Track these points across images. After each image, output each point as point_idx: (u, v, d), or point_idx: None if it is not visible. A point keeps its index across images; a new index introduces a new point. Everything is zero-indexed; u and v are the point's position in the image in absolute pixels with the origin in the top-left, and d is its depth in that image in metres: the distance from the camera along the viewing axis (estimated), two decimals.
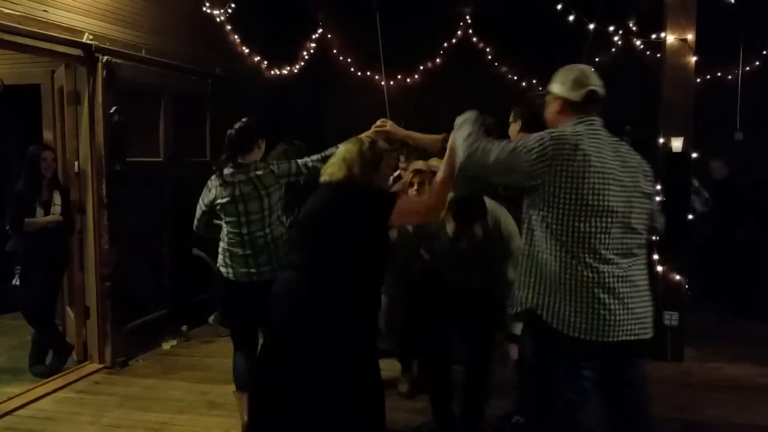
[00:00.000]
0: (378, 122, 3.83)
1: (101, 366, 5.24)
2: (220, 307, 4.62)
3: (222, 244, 3.81)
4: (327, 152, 3.66)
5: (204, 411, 4.40)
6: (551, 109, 2.67)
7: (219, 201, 3.71)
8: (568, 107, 2.58)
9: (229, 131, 3.77)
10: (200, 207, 3.88)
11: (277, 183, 3.70)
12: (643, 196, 2.52)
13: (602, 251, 2.39)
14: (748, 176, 6.93)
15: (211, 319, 6.36)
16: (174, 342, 5.86)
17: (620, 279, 2.41)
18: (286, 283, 3.07)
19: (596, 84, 2.58)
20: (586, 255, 2.39)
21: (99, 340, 5.26)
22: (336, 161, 3.13)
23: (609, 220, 2.40)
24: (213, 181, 3.79)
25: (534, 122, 3.22)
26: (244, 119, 3.84)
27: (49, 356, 5.21)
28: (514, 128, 3.81)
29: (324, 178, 3.13)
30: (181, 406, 4.48)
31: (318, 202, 3.11)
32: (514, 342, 3.54)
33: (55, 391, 4.75)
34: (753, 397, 4.55)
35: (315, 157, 3.76)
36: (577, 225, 2.39)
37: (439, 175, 2.99)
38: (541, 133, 2.51)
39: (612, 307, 2.37)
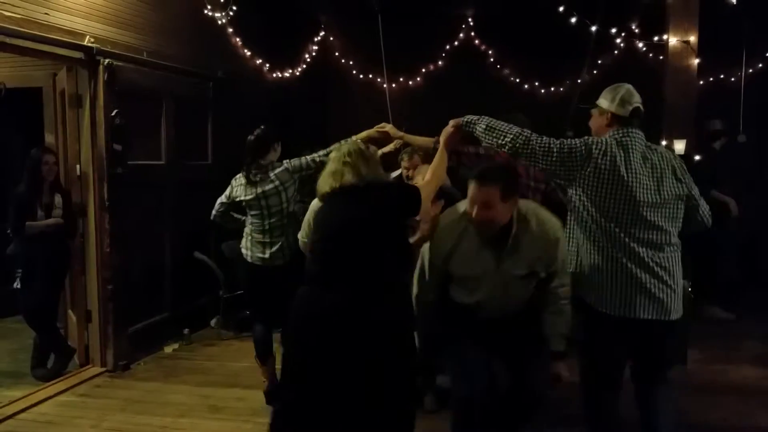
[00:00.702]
0: (378, 126, 4.13)
1: (103, 369, 5.23)
2: (241, 285, 4.86)
3: (246, 230, 4.41)
4: (331, 148, 3.82)
5: (206, 414, 4.38)
6: (599, 122, 3.05)
7: (244, 198, 4.28)
8: (615, 120, 2.97)
9: (249, 137, 4.33)
10: (222, 199, 4.48)
11: (291, 178, 4.27)
12: (674, 197, 2.90)
13: (631, 244, 2.83)
14: None
15: (213, 322, 6.35)
16: (176, 345, 5.84)
17: (646, 268, 2.84)
18: (314, 303, 2.87)
19: (639, 101, 2.98)
20: (616, 249, 2.85)
21: (101, 344, 5.25)
22: (336, 168, 2.98)
23: (635, 217, 2.82)
24: (238, 180, 4.37)
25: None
26: (261, 127, 4.38)
27: (50, 360, 5.21)
28: None
29: (328, 188, 2.98)
30: (182, 409, 4.46)
31: (336, 211, 2.97)
32: (561, 359, 3.16)
33: (56, 394, 4.73)
34: (758, 400, 4.51)
35: (321, 152, 4.20)
36: (607, 223, 2.85)
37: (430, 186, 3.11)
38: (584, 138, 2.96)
39: (639, 291, 2.85)
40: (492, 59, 7.59)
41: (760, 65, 7.16)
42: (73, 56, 4.87)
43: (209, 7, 6.39)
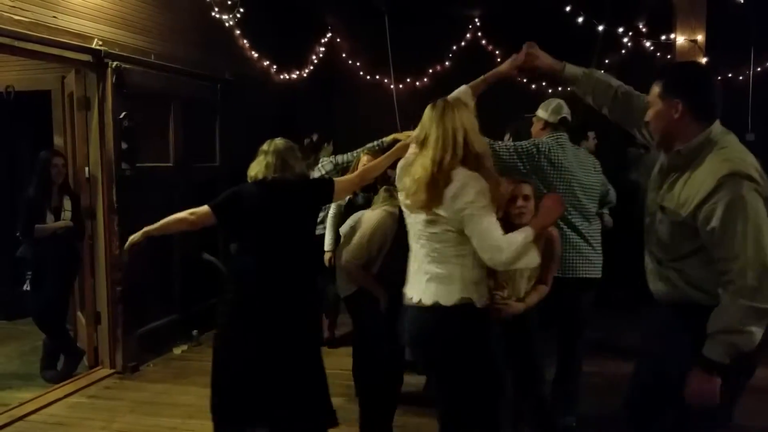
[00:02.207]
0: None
1: (112, 371, 5.24)
2: None
3: None
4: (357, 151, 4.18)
5: None
6: (537, 127, 3.90)
7: None
8: (547, 126, 3.82)
9: (308, 139, 4.71)
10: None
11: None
12: (595, 183, 3.81)
13: (569, 218, 3.59)
14: None
15: None
16: (185, 347, 5.86)
17: (581, 235, 3.65)
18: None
19: (567, 113, 3.83)
20: (561, 221, 3.53)
21: (110, 345, 5.27)
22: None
23: (572, 197, 3.59)
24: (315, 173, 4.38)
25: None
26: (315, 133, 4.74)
27: (60, 361, 5.23)
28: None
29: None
30: (191, 411, 4.46)
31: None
32: None
33: (66, 396, 4.75)
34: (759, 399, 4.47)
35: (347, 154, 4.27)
36: None
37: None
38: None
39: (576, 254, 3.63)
40: (499, 60, 7.55)
41: None
42: (81, 59, 4.89)
43: (216, 9, 6.41)
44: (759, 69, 7.11)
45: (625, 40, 6.97)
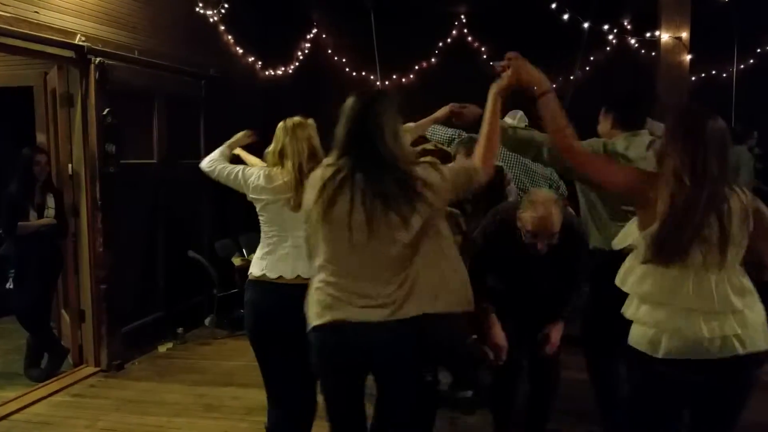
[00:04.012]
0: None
1: (97, 369, 5.21)
2: None
3: None
4: None
5: (200, 414, 4.38)
6: None
7: None
8: None
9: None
10: None
11: None
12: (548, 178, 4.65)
13: None
14: None
15: (207, 321, 6.34)
16: (170, 345, 5.83)
17: None
18: None
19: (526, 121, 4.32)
20: None
21: (94, 344, 5.24)
22: None
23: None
24: None
25: None
26: None
27: (44, 360, 5.19)
28: None
29: None
30: (177, 409, 4.45)
31: None
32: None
33: (50, 395, 4.72)
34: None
35: None
36: None
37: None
38: None
39: None
40: (485, 56, 7.58)
41: (752, 61, 7.18)
42: (64, 55, 4.85)
43: (201, 5, 6.37)
44: (743, 66, 7.16)
45: (611, 37, 7.00)
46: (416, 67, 7.74)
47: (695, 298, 2.23)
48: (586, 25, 6.38)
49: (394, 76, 7.70)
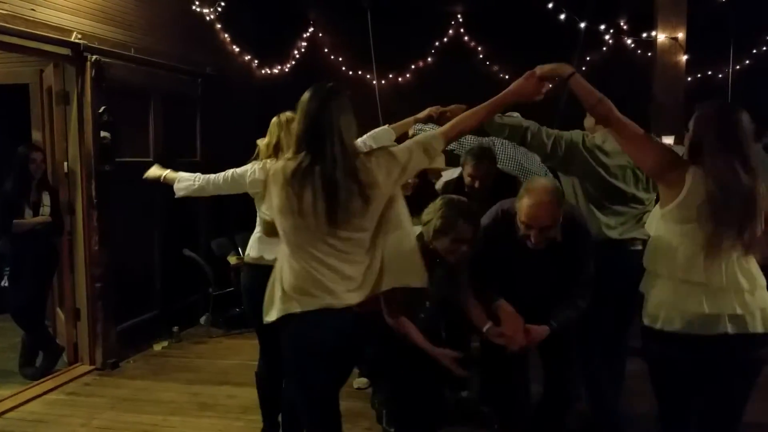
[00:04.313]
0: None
1: (92, 368, 5.21)
2: None
3: None
4: None
5: (195, 412, 4.37)
6: None
7: None
8: None
9: None
10: None
11: None
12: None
13: None
14: None
15: (202, 320, 6.34)
16: (165, 343, 5.82)
17: None
18: None
19: None
20: None
21: (89, 342, 5.23)
22: None
23: None
24: None
25: None
26: None
27: (39, 358, 5.18)
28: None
29: None
30: (172, 407, 4.45)
31: None
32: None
33: (45, 393, 4.71)
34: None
35: None
36: None
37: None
38: None
39: None
40: (481, 56, 7.58)
41: (747, 62, 7.19)
42: (60, 52, 4.84)
43: (197, 3, 6.36)
44: (738, 67, 7.17)
45: (607, 37, 7.01)
46: (413, 67, 7.74)
47: (705, 273, 2.40)
48: (582, 25, 6.39)
49: (391, 75, 7.70)
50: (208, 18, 6.54)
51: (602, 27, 6.82)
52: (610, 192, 3.37)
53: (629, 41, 7.06)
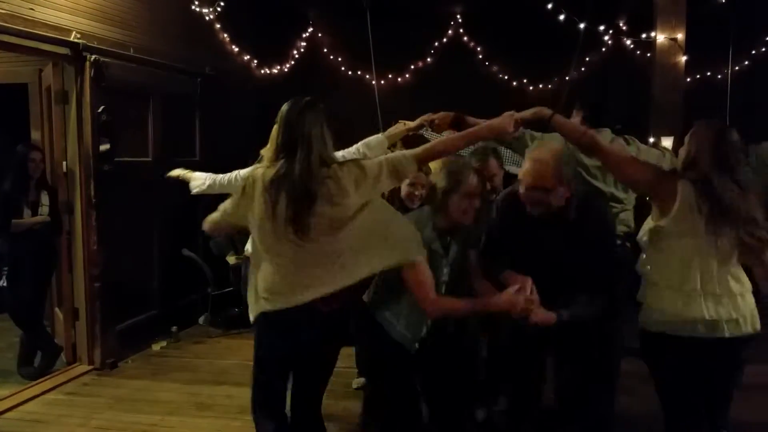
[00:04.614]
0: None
1: (90, 367, 5.20)
2: None
3: None
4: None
5: (194, 412, 4.37)
6: None
7: None
8: None
9: None
10: None
11: None
12: None
13: None
14: None
15: (201, 319, 6.33)
16: (164, 343, 5.82)
17: None
18: None
19: None
20: None
21: (88, 342, 5.22)
22: None
23: None
24: None
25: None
26: None
27: (37, 358, 5.17)
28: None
29: None
30: (171, 407, 4.45)
31: None
32: None
33: (43, 393, 4.71)
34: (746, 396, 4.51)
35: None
36: None
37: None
38: None
39: None
40: (481, 56, 7.58)
41: (747, 62, 7.20)
42: (59, 52, 4.83)
43: (197, 3, 6.36)
44: (737, 68, 7.17)
45: (606, 38, 7.01)
46: (412, 67, 7.74)
47: (701, 281, 2.59)
48: (581, 25, 6.38)
49: (390, 76, 7.70)
50: (207, 18, 6.54)
51: (601, 28, 6.82)
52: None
53: (628, 42, 7.06)
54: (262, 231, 2.59)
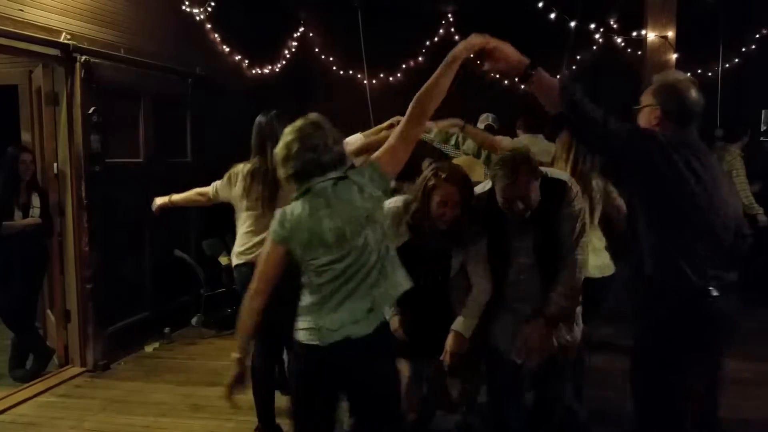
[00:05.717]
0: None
1: (83, 369, 5.19)
2: None
3: None
4: None
5: (187, 414, 4.37)
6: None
7: None
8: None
9: None
10: None
11: None
12: None
13: None
14: None
15: (194, 320, 6.31)
16: (156, 344, 5.81)
17: None
18: None
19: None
20: None
21: (80, 344, 5.21)
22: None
23: None
24: None
25: None
26: None
27: (29, 360, 5.16)
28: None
29: None
30: (164, 409, 4.44)
31: None
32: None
33: (36, 395, 4.69)
34: (738, 391, 4.54)
35: None
36: None
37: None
38: None
39: None
40: (472, 55, 7.59)
41: (737, 60, 7.23)
42: (49, 53, 4.81)
43: (187, 3, 6.34)
44: (728, 65, 7.21)
45: (597, 36, 7.04)
46: (403, 66, 7.75)
47: None
48: (572, 24, 6.41)
49: (382, 75, 7.71)
50: (198, 18, 6.52)
51: (592, 26, 6.84)
52: None
53: (619, 40, 7.09)
54: (240, 205, 3.67)
